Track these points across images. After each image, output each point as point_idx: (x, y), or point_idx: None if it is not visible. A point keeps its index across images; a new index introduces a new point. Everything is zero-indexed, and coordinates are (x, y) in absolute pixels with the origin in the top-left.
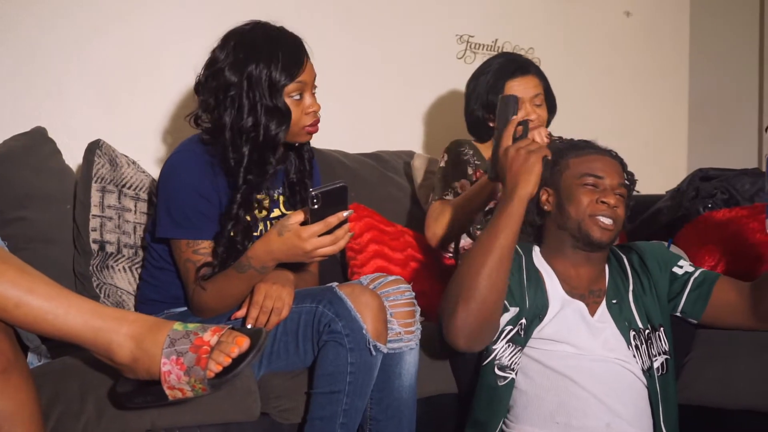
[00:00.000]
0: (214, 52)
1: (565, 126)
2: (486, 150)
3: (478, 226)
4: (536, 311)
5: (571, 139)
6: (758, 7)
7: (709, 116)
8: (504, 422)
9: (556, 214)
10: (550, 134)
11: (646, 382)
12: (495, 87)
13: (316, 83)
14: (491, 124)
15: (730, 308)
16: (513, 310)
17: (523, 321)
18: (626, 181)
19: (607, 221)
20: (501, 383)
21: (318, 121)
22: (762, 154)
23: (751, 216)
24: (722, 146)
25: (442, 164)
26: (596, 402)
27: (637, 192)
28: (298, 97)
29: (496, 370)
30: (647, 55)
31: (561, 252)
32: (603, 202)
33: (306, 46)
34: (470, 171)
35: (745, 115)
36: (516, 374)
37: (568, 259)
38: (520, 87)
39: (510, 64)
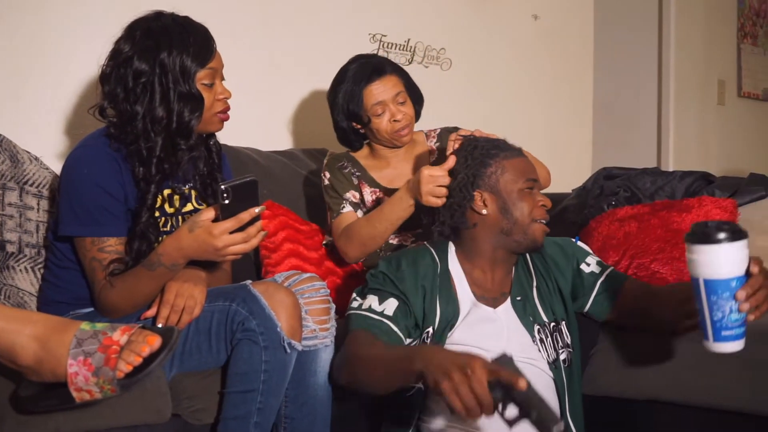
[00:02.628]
0: (118, 42)
1: (476, 126)
2: (363, 158)
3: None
4: (447, 319)
5: (485, 138)
6: (657, 14)
7: (612, 118)
8: (419, 417)
9: (499, 219)
10: (461, 135)
11: (552, 375)
12: (354, 95)
13: (224, 74)
14: (359, 128)
15: (634, 312)
16: (420, 324)
17: (430, 330)
18: None
19: (545, 224)
20: (408, 393)
21: (229, 108)
22: (661, 155)
23: (652, 212)
24: (625, 146)
25: (327, 182)
26: None
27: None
28: (209, 83)
29: None
30: (554, 58)
31: (481, 254)
32: (542, 205)
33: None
34: (355, 182)
35: (646, 117)
36: (422, 384)
37: (489, 260)
38: (379, 90)
39: (365, 69)
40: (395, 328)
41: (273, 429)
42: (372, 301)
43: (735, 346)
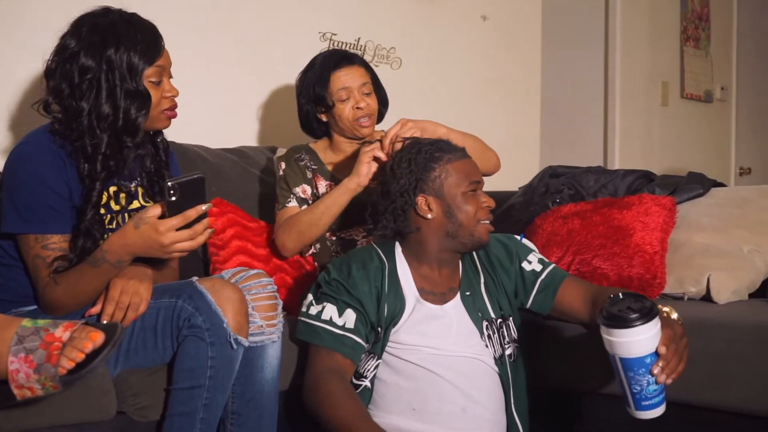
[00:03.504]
0: (64, 37)
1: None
2: (321, 151)
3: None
4: (392, 316)
5: (429, 140)
6: (603, 18)
7: (560, 117)
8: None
9: (444, 222)
10: (403, 139)
11: (498, 369)
12: (321, 78)
13: (172, 72)
14: (322, 116)
15: (572, 309)
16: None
17: (380, 329)
18: None
19: (490, 224)
20: (356, 391)
21: (176, 106)
22: (607, 154)
23: (594, 210)
24: (572, 145)
25: (281, 173)
26: (452, 388)
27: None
28: (156, 81)
29: (353, 379)
30: (502, 59)
31: (427, 254)
32: (486, 206)
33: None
34: (309, 175)
35: (593, 117)
36: (369, 381)
37: (435, 260)
38: (347, 77)
39: (335, 55)
40: (358, 340)
41: (220, 425)
42: (331, 312)
43: (656, 413)
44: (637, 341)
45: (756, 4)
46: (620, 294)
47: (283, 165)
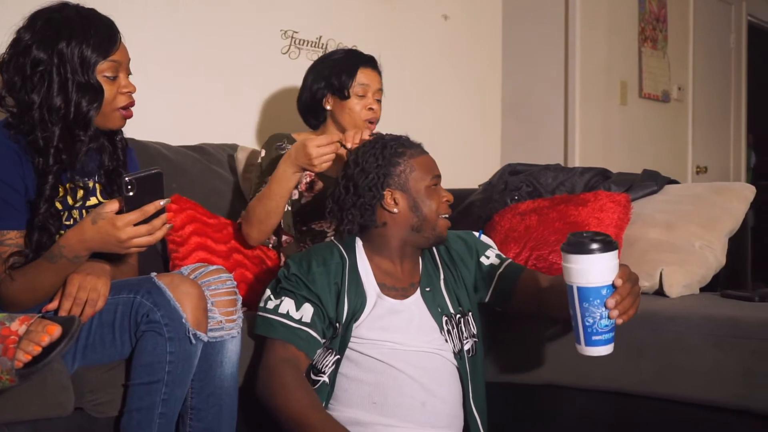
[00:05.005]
0: (19, 31)
1: (388, 124)
2: None
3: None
4: (353, 312)
5: (392, 136)
6: (563, 18)
7: (520, 116)
8: (326, 406)
9: (409, 216)
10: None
11: (457, 364)
12: (349, 67)
13: (131, 69)
14: (327, 105)
15: (531, 300)
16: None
17: (337, 325)
18: None
19: (448, 218)
20: (314, 386)
21: (133, 104)
22: (567, 152)
23: (551, 206)
24: (533, 144)
25: (259, 160)
26: (412, 382)
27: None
28: (112, 76)
29: (311, 374)
30: (464, 57)
31: (389, 249)
32: (446, 201)
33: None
34: None
35: (553, 116)
36: (328, 377)
37: (397, 255)
38: (370, 77)
39: (363, 55)
40: (314, 334)
41: (179, 420)
42: (289, 305)
43: (604, 350)
44: (596, 269)
45: (711, 6)
46: (582, 232)
47: (263, 152)
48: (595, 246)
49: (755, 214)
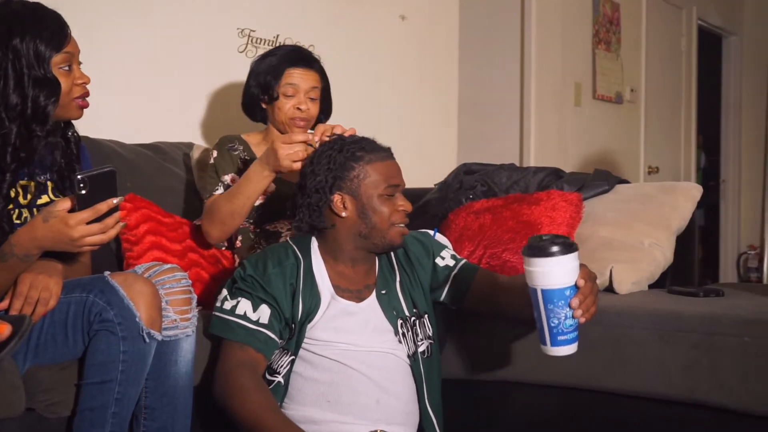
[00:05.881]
0: None
1: (344, 124)
2: (255, 145)
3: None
4: (308, 312)
5: (354, 138)
6: (519, 20)
7: (477, 116)
8: (281, 405)
9: (357, 222)
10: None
11: (411, 365)
12: (276, 69)
13: (85, 63)
14: (263, 104)
15: (485, 299)
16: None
17: (293, 325)
18: None
19: (405, 227)
20: (269, 387)
21: (88, 94)
22: (523, 152)
23: (505, 205)
24: (489, 143)
25: (211, 161)
26: (366, 381)
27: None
28: (66, 68)
29: (266, 375)
30: (421, 57)
31: (342, 251)
32: (402, 210)
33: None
34: (241, 166)
35: (509, 116)
36: (283, 377)
37: (349, 258)
38: (300, 76)
39: (297, 54)
40: (272, 335)
41: (132, 420)
42: (246, 307)
43: (570, 350)
44: (558, 271)
45: (663, 10)
46: (542, 236)
47: (215, 153)
48: (557, 249)
49: (704, 214)
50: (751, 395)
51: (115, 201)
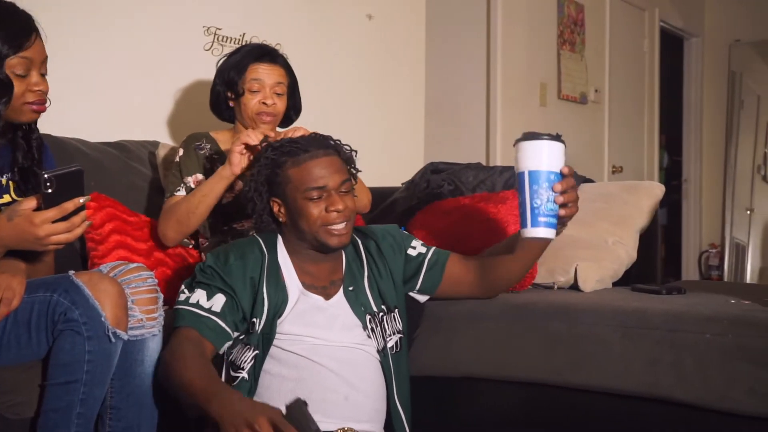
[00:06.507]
0: None
1: (311, 123)
2: (223, 143)
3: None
4: (275, 308)
5: (288, 140)
6: (485, 20)
7: (443, 115)
8: None
9: (291, 226)
10: (266, 137)
11: (380, 360)
12: (240, 65)
13: (47, 67)
14: (230, 101)
15: (461, 282)
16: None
17: (256, 321)
18: (351, 171)
19: (340, 227)
20: (233, 383)
21: (44, 101)
22: (490, 151)
23: (472, 204)
24: (456, 143)
25: (177, 159)
26: (335, 377)
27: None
28: (23, 74)
29: (231, 371)
30: (388, 57)
31: (300, 251)
32: (332, 210)
33: (39, 27)
34: (208, 165)
35: (475, 115)
36: (247, 373)
37: (309, 256)
38: (264, 71)
39: (260, 49)
40: (223, 324)
41: (98, 420)
42: (200, 296)
43: (547, 233)
44: (545, 155)
45: (626, 11)
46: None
47: (181, 152)
48: (546, 136)
49: (666, 213)
50: (711, 391)
51: (81, 200)
